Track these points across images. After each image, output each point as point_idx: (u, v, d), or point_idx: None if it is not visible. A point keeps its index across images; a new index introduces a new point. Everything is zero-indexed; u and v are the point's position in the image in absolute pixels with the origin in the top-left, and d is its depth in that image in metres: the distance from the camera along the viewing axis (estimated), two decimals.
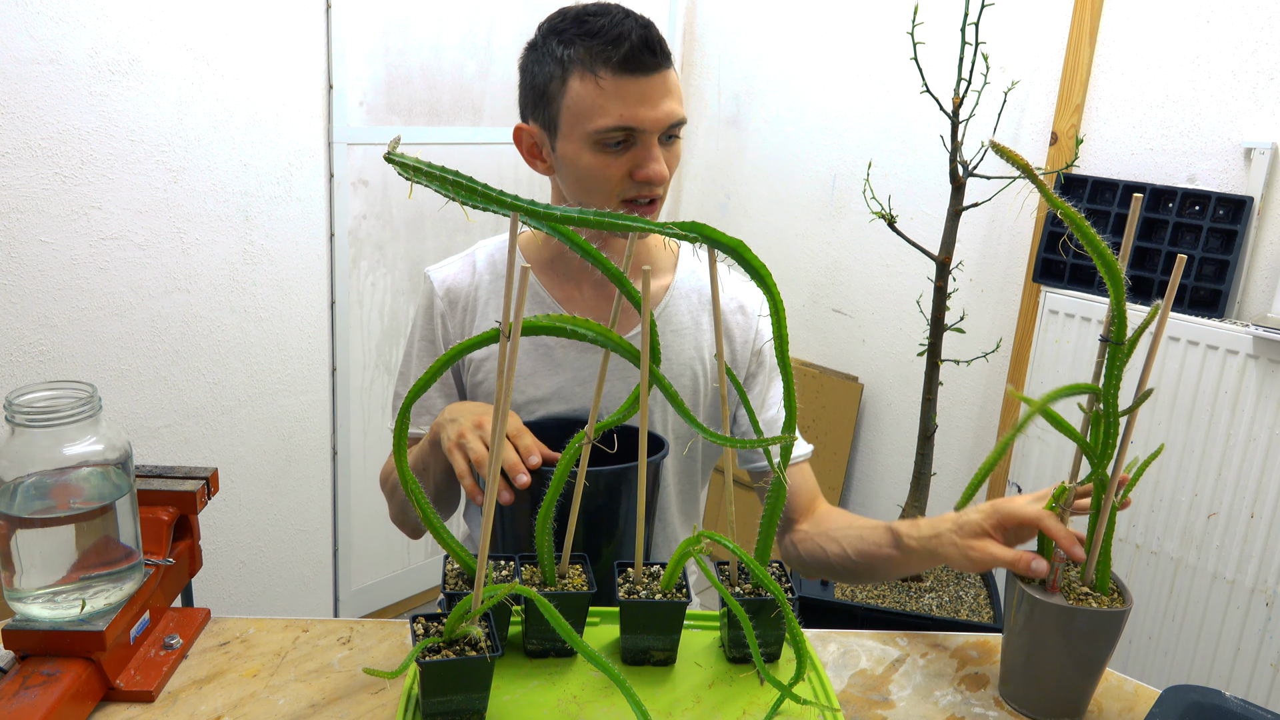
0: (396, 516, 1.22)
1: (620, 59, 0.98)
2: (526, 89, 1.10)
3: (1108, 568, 0.85)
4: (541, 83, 1.05)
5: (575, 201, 1.07)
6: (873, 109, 2.41)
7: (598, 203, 1.04)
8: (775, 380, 1.19)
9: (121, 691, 0.80)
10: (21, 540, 0.76)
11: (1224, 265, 1.83)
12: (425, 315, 1.19)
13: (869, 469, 2.59)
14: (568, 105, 1.02)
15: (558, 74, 1.03)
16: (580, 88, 1.01)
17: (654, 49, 1.00)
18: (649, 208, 1.06)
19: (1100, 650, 0.83)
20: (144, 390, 1.88)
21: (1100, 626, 0.82)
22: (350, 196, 2.12)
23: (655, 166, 1.02)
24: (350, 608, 2.35)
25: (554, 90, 1.03)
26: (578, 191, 1.06)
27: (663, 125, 1.02)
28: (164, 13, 1.75)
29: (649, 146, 1.02)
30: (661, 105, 1.01)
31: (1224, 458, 1.83)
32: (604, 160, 1.02)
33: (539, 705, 0.79)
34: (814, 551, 1.13)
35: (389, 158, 0.61)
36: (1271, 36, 1.79)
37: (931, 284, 1.88)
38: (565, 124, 1.03)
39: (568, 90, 1.02)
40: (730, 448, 0.81)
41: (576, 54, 1.01)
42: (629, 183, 1.04)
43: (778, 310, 0.76)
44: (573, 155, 1.04)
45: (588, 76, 1.00)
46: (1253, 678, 1.82)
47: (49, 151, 1.66)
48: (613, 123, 1.00)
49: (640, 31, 0.99)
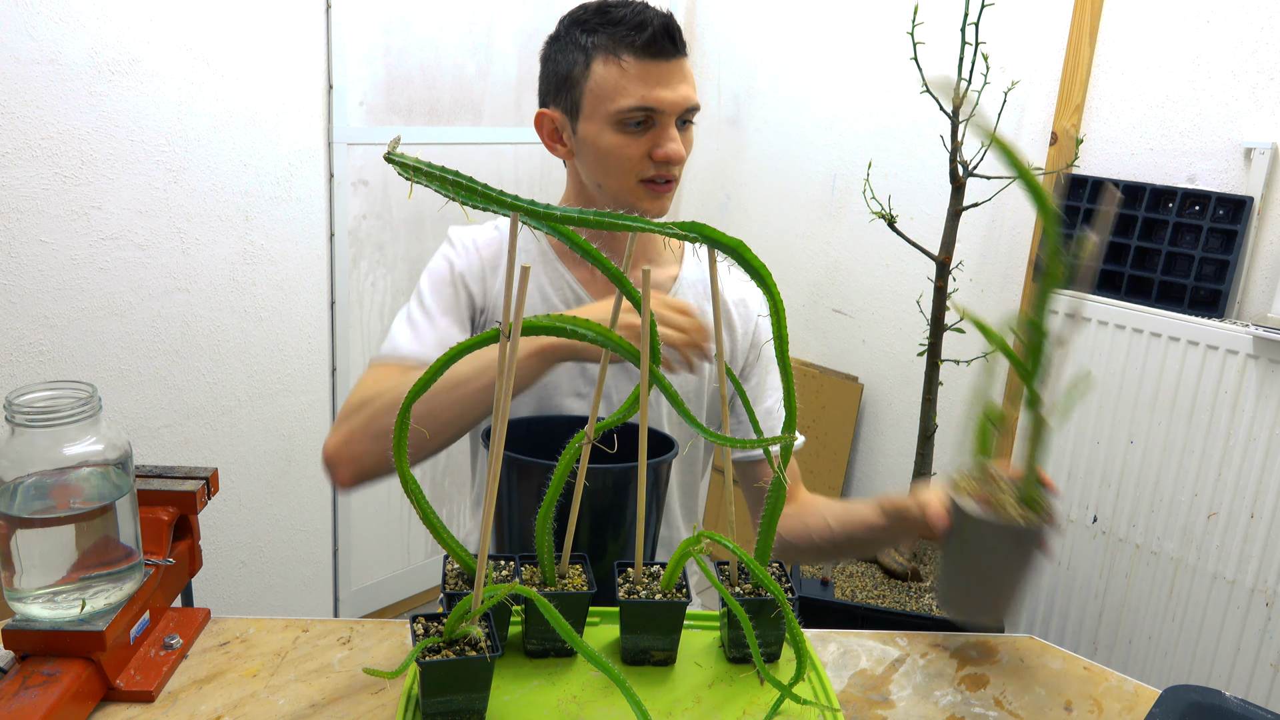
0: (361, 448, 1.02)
1: (643, 43, 1.05)
2: (549, 77, 1.14)
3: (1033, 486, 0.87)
4: (565, 70, 1.10)
5: (594, 183, 1.12)
6: (873, 109, 2.41)
7: (617, 182, 1.10)
8: (772, 371, 1.22)
9: (121, 691, 0.80)
10: (21, 540, 0.76)
11: (1224, 265, 1.83)
12: (444, 263, 1.17)
13: (869, 469, 2.59)
14: (591, 88, 1.08)
15: (581, 60, 1.08)
16: (604, 71, 1.07)
17: (674, 37, 1.07)
18: (665, 187, 1.11)
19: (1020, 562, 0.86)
20: (144, 390, 1.87)
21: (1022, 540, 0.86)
22: (350, 196, 2.12)
23: (673, 146, 1.08)
24: (350, 608, 2.35)
25: (577, 75, 1.09)
26: (598, 171, 1.11)
27: (680, 108, 1.08)
28: (164, 13, 1.75)
29: (666, 127, 1.08)
30: (679, 89, 1.08)
31: (1224, 458, 1.83)
32: (624, 140, 1.08)
33: (539, 705, 0.79)
34: (795, 529, 1.16)
35: (389, 158, 0.61)
36: (1271, 36, 1.79)
37: (931, 284, 1.88)
38: (588, 106, 1.09)
39: (591, 74, 1.08)
40: (730, 447, 0.81)
41: (600, 40, 1.07)
42: (647, 162, 1.09)
43: (778, 310, 0.76)
44: (594, 135, 1.09)
45: (611, 60, 1.06)
46: (1253, 678, 1.82)
47: (49, 151, 1.66)
48: (634, 103, 1.06)
49: (662, 19, 1.06)
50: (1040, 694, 0.92)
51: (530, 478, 0.92)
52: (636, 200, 1.11)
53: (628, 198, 1.11)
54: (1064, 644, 2.09)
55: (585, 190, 1.15)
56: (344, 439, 1.02)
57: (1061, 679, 0.94)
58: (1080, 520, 2.06)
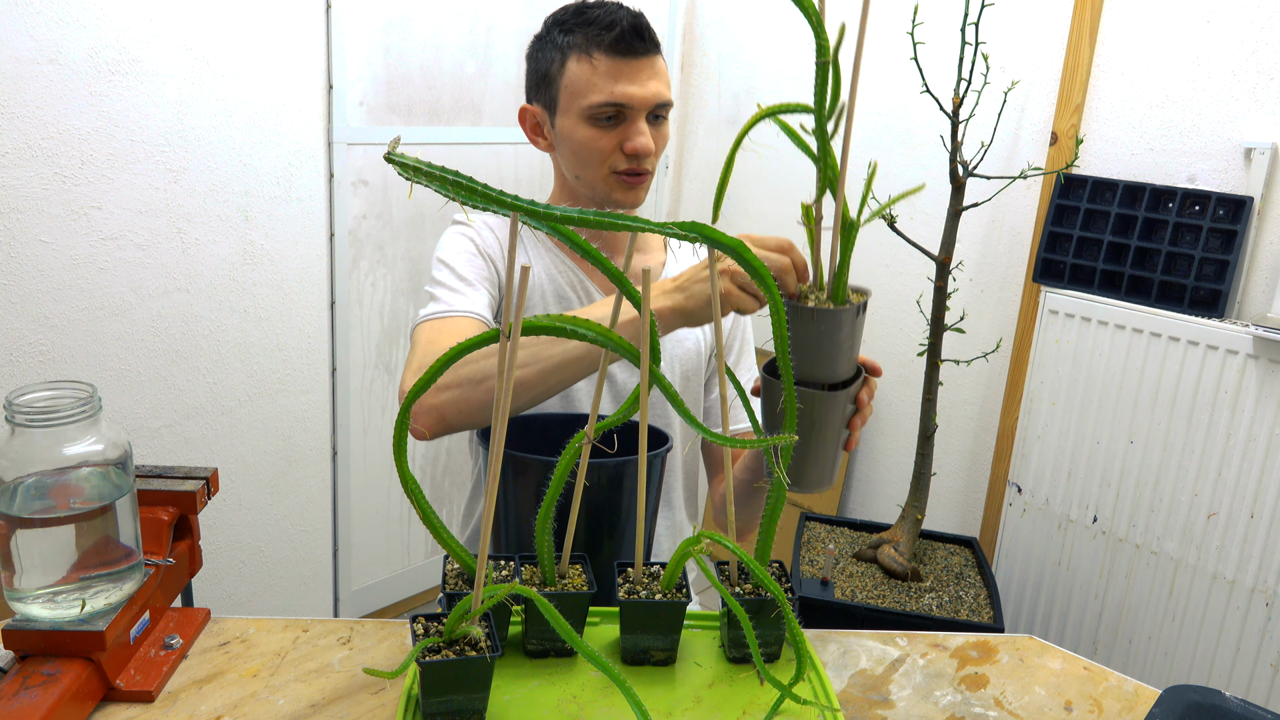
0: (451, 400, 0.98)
1: (611, 41, 1.10)
2: (531, 74, 1.21)
3: (844, 279, 0.87)
4: (544, 67, 1.17)
5: (572, 175, 1.19)
6: (873, 109, 2.41)
7: (592, 173, 1.16)
8: (748, 353, 1.33)
9: (121, 691, 0.80)
10: (21, 540, 0.76)
11: (1224, 265, 1.83)
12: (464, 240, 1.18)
13: (869, 469, 2.59)
14: (566, 84, 1.14)
15: (558, 58, 1.15)
16: (577, 68, 1.13)
17: (642, 35, 1.12)
18: (638, 179, 1.17)
19: (829, 346, 0.86)
20: (144, 390, 1.88)
21: (824, 323, 0.85)
22: (350, 196, 2.12)
23: (642, 140, 1.13)
24: (350, 608, 2.35)
25: (554, 72, 1.15)
26: (574, 164, 1.17)
27: (649, 104, 1.13)
28: (164, 13, 1.75)
29: (635, 122, 1.13)
30: (649, 85, 1.13)
31: (1224, 458, 1.83)
32: (596, 133, 1.14)
33: (539, 705, 0.79)
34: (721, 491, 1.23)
35: (389, 158, 0.61)
36: (1271, 36, 1.79)
37: (931, 284, 1.88)
38: (563, 101, 1.15)
39: (566, 71, 1.14)
40: (730, 448, 0.81)
41: (574, 39, 1.13)
42: (619, 155, 1.14)
43: (778, 310, 0.76)
44: (569, 130, 1.15)
45: (584, 58, 1.12)
46: (1253, 678, 1.82)
47: (49, 151, 1.66)
48: (604, 99, 1.12)
49: (631, 19, 1.12)
50: (1040, 694, 0.92)
51: (528, 475, 0.92)
52: (610, 191, 1.17)
53: (602, 188, 1.17)
54: (1064, 644, 2.09)
55: (568, 183, 1.21)
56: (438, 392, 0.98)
57: (1061, 679, 0.94)
58: (1080, 520, 2.06)
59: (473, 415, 0.99)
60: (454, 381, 0.98)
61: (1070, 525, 2.07)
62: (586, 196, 1.19)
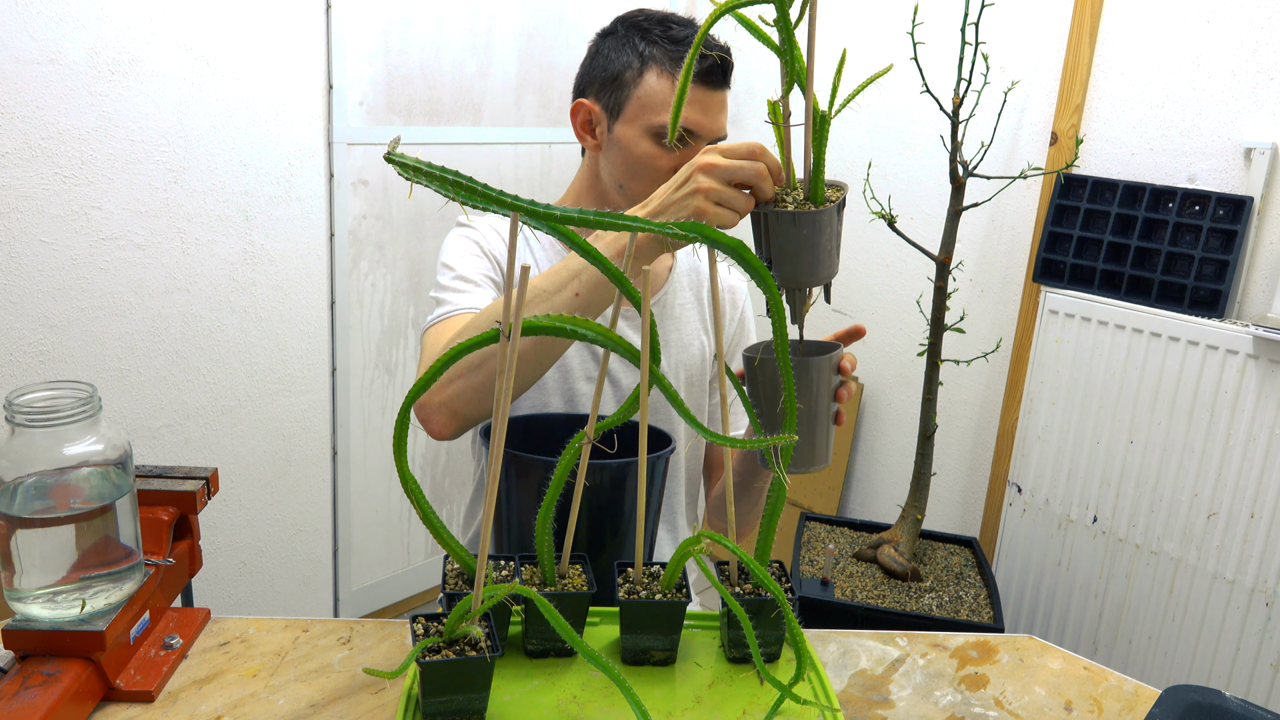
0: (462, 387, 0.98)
1: (702, 70, 1.08)
2: (596, 70, 1.16)
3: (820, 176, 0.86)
4: (616, 69, 1.14)
5: (615, 183, 1.16)
6: (873, 109, 2.41)
7: (641, 187, 1.12)
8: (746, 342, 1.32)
9: (121, 691, 0.80)
10: (21, 540, 0.76)
11: (1224, 265, 1.83)
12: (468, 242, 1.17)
13: (869, 469, 2.60)
14: (639, 95, 1.12)
15: (636, 65, 1.12)
16: (656, 83, 1.11)
17: (727, 71, 1.11)
18: None
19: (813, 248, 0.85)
20: (144, 390, 1.88)
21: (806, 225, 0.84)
22: (350, 196, 2.12)
23: None
24: (350, 608, 2.35)
25: (629, 78, 1.12)
26: (623, 172, 1.15)
27: (714, 136, 1.13)
28: (164, 13, 1.75)
29: (698, 149, 1.10)
30: (718, 119, 1.13)
31: (1224, 458, 1.83)
32: (659, 152, 1.12)
33: (539, 705, 0.79)
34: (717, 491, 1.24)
35: (389, 158, 0.61)
36: (1271, 36, 1.79)
37: (931, 284, 1.88)
38: (631, 110, 1.12)
39: (643, 81, 1.11)
40: (731, 448, 0.81)
41: (658, 53, 1.11)
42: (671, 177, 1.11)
43: (778, 310, 0.76)
44: (630, 140, 1.13)
45: (665, 75, 1.11)
46: (1253, 678, 1.82)
47: (49, 151, 1.66)
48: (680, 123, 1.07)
49: (721, 51, 1.10)
50: (1040, 694, 0.92)
51: (530, 475, 0.92)
52: None
53: None
54: (1064, 644, 2.09)
55: (600, 184, 1.19)
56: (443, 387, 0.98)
57: (1061, 679, 0.94)
58: (1080, 520, 2.06)
59: (481, 403, 0.98)
60: (455, 374, 0.98)
61: (1070, 525, 2.07)
62: (618, 204, 1.17)
